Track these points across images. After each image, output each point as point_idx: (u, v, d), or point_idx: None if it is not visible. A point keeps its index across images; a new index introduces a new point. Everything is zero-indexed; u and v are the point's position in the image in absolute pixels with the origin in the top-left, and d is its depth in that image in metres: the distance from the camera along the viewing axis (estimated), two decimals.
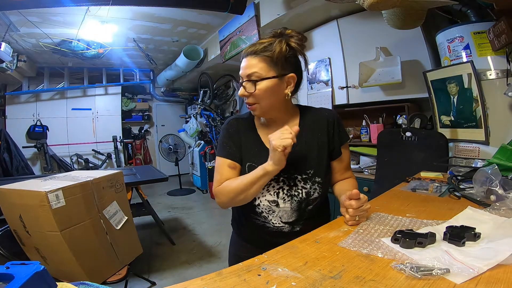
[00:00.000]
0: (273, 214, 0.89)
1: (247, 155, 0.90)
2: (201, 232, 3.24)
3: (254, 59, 0.82)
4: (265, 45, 0.82)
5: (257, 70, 0.82)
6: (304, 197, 0.87)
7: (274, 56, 0.82)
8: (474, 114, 1.71)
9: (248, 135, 0.92)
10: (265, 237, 0.91)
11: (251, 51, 0.83)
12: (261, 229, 0.91)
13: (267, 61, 0.82)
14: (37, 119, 5.08)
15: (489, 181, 0.85)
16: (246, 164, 0.89)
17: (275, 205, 0.87)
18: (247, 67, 0.83)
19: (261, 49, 0.82)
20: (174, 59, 4.60)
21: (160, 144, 5.48)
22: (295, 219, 0.88)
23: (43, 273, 0.41)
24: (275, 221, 0.89)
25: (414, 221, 0.75)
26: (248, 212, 0.93)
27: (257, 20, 2.79)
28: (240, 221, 1.00)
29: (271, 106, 0.86)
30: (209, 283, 0.51)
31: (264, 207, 0.89)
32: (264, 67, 0.82)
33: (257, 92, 0.83)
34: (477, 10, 1.70)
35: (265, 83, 0.82)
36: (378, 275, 0.52)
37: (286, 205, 0.87)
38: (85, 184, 1.37)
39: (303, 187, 0.87)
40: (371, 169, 2.33)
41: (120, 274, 1.54)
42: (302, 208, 0.88)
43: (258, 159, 0.86)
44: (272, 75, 0.82)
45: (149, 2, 2.45)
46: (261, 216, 0.90)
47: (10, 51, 3.46)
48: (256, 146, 0.90)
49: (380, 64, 2.27)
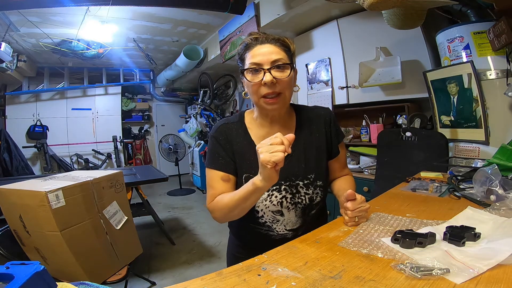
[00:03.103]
0: (278, 223, 0.86)
1: (242, 166, 0.84)
2: (201, 232, 3.24)
3: (277, 48, 0.78)
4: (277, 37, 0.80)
5: (282, 57, 0.78)
6: (307, 203, 0.85)
7: (291, 49, 0.81)
8: (474, 114, 1.71)
9: (241, 142, 0.85)
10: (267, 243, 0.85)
11: (272, 38, 0.79)
12: (263, 238, 0.88)
13: (287, 52, 0.80)
14: (37, 119, 5.08)
15: (489, 181, 0.85)
16: (243, 175, 0.83)
17: (279, 215, 0.85)
18: (271, 53, 0.77)
19: (276, 39, 0.80)
20: (174, 59, 4.60)
21: (160, 144, 5.48)
22: (300, 225, 0.87)
23: (43, 273, 0.41)
24: (279, 229, 0.86)
25: (414, 221, 0.74)
26: (249, 222, 0.88)
27: (257, 20, 2.79)
28: (240, 227, 0.95)
29: (289, 99, 0.82)
30: (209, 283, 0.51)
31: (267, 217, 0.85)
32: (286, 57, 0.79)
33: (287, 79, 0.77)
34: (477, 10, 1.70)
35: (291, 72, 0.78)
36: (378, 275, 0.52)
37: (291, 213, 0.85)
38: (85, 184, 1.37)
39: (306, 193, 0.85)
40: (371, 169, 2.33)
41: (120, 274, 1.54)
42: (306, 214, 0.87)
43: (255, 169, 0.72)
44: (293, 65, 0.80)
45: (149, 2, 2.45)
46: (265, 226, 0.87)
47: (10, 51, 3.46)
48: (251, 155, 0.82)
49: (380, 64, 2.26)
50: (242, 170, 0.84)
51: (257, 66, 0.77)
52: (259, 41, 0.79)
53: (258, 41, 0.79)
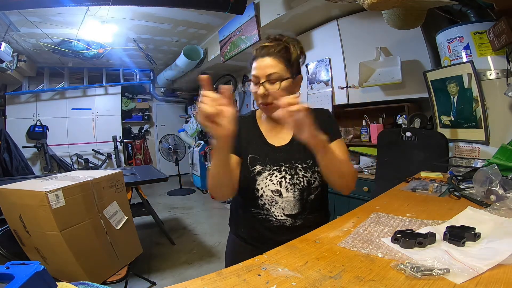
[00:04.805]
0: (276, 206, 0.89)
1: (249, 148, 0.93)
2: (201, 232, 3.24)
3: (273, 60, 0.86)
4: (282, 47, 0.86)
5: (277, 70, 0.85)
6: (305, 185, 0.89)
7: (291, 58, 0.87)
8: (474, 114, 1.71)
9: (250, 131, 0.96)
10: (265, 233, 0.91)
11: (272, 52, 0.86)
12: (262, 224, 0.91)
13: (285, 63, 0.86)
14: (37, 119, 5.08)
15: (489, 181, 0.85)
16: (248, 156, 0.92)
17: (278, 195, 0.89)
18: (266, 67, 0.85)
19: (282, 49, 0.86)
20: (174, 59, 4.60)
21: (160, 144, 5.48)
22: (297, 211, 0.89)
23: (43, 273, 0.41)
24: (278, 214, 0.90)
25: (414, 221, 0.75)
26: (249, 205, 0.93)
27: (257, 20, 2.79)
28: (239, 218, 1.00)
29: None
30: (209, 283, 0.51)
31: (267, 197, 0.89)
32: (283, 68, 0.86)
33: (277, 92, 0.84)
34: (477, 10, 1.70)
35: (284, 84, 0.86)
36: (378, 275, 0.52)
37: (289, 194, 0.88)
38: (85, 184, 1.37)
39: (304, 176, 0.89)
40: (371, 169, 2.33)
41: (120, 274, 1.54)
42: (304, 198, 0.89)
43: (259, 152, 0.91)
44: (288, 76, 0.87)
45: (149, 2, 2.45)
46: (264, 209, 0.91)
47: (10, 51, 3.46)
48: (258, 141, 0.94)
49: (380, 64, 2.27)
50: (248, 152, 0.92)
51: (255, 79, 0.88)
52: (261, 54, 0.87)
53: (260, 54, 0.87)
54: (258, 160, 0.90)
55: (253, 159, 0.90)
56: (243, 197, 0.94)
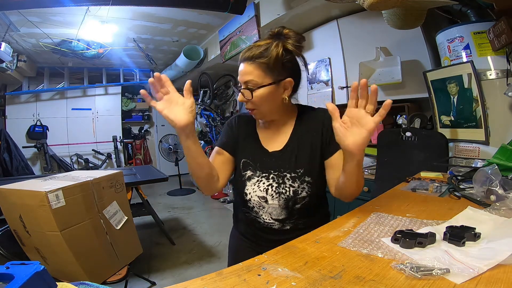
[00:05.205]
0: (263, 210, 0.91)
1: (243, 152, 0.93)
2: (201, 232, 3.24)
3: (250, 66, 0.82)
4: (261, 50, 0.81)
5: (253, 77, 0.81)
6: (291, 196, 0.87)
7: (270, 63, 0.80)
8: (474, 114, 1.71)
9: (247, 132, 0.96)
10: (258, 232, 0.94)
11: (247, 57, 0.82)
12: (253, 224, 0.94)
13: (263, 68, 0.81)
14: (37, 119, 5.08)
15: (489, 181, 0.85)
16: (241, 160, 0.92)
17: (264, 201, 0.90)
18: (244, 73, 0.83)
19: (257, 54, 0.81)
20: (174, 59, 4.60)
21: (160, 144, 5.48)
22: (284, 217, 0.90)
23: (43, 273, 0.41)
24: (266, 217, 0.91)
25: (414, 221, 0.74)
26: (241, 205, 0.96)
27: (257, 20, 2.79)
28: (237, 215, 1.04)
29: (270, 110, 0.88)
30: (209, 283, 0.51)
31: (254, 202, 0.91)
32: (260, 75, 0.81)
33: (255, 99, 0.83)
34: (477, 10, 1.69)
35: (261, 91, 0.82)
36: (378, 275, 0.52)
37: (274, 202, 0.88)
38: (85, 184, 1.37)
39: (291, 186, 0.88)
40: (371, 169, 2.33)
41: (120, 274, 1.54)
42: (289, 206, 0.89)
43: (253, 156, 0.91)
44: (269, 82, 0.82)
45: (149, 2, 2.45)
46: (253, 211, 0.93)
47: (10, 51, 3.46)
48: (253, 144, 0.94)
49: (380, 64, 2.26)
50: (241, 155, 0.93)
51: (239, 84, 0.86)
52: (242, 59, 0.85)
53: (242, 58, 0.85)
54: (250, 165, 0.91)
55: (245, 163, 0.91)
56: (236, 197, 0.98)
